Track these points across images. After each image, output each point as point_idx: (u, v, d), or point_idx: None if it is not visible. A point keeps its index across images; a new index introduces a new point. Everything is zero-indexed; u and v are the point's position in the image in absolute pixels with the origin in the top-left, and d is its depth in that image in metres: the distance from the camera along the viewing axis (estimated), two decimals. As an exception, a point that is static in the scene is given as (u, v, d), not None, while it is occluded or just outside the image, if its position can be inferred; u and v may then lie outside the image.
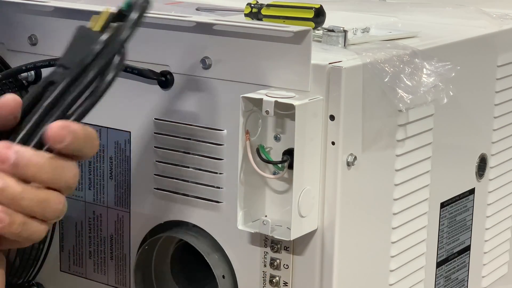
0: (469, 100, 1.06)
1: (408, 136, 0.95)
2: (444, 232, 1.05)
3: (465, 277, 1.12)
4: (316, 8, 1.00)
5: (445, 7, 1.16)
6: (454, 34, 1.06)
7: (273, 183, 0.85)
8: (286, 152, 0.83)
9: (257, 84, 0.87)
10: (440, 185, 1.02)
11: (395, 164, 0.94)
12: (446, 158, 1.03)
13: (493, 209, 1.15)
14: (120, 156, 0.98)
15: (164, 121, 0.94)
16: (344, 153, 0.86)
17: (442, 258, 1.06)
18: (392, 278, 0.96)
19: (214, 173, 0.91)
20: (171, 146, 0.93)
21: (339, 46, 0.94)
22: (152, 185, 0.95)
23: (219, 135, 0.90)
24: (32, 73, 1.00)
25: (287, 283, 0.89)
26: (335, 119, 0.85)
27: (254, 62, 0.88)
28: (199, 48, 0.91)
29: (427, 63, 0.91)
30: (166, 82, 0.93)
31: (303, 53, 0.85)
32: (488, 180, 1.13)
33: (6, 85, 0.99)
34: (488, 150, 1.12)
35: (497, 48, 1.11)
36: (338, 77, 0.84)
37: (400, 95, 0.88)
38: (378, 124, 0.90)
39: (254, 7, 1.06)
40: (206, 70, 0.90)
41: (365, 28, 1.02)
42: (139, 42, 0.94)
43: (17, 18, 1.01)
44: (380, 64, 0.88)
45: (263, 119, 0.85)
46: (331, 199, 0.86)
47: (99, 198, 1.00)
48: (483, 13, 1.13)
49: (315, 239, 0.87)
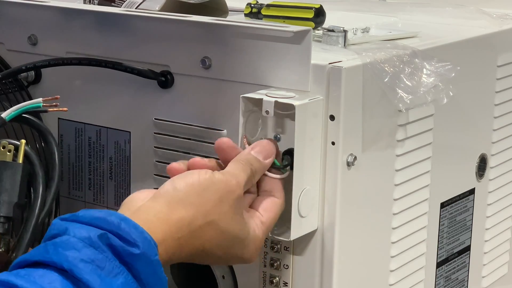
0: (469, 100, 1.06)
1: (408, 136, 0.94)
2: (444, 232, 1.05)
3: (465, 277, 1.12)
4: (316, 8, 1.00)
5: (445, 7, 1.16)
6: (454, 34, 1.06)
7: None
8: (286, 152, 0.83)
9: (257, 84, 0.87)
10: (440, 185, 1.02)
11: (395, 164, 0.94)
12: (446, 158, 1.03)
13: (493, 209, 1.15)
14: (120, 156, 0.98)
15: (164, 121, 0.94)
16: (344, 153, 0.85)
17: (442, 258, 1.06)
18: (392, 278, 0.96)
19: (214, 173, 0.91)
20: (171, 146, 0.93)
21: (339, 46, 0.94)
22: (152, 185, 0.95)
23: (219, 135, 0.90)
24: (32, 73, 1.00)
25: (287, 283, 0.89)
26: (335, 119, 0.85)
27: (254, 62, 0.88)
28: (199, 48, 0.90)
29: (427, 63, 0.91)
30: (166, 82, 0.93)
31: (303, 53, 0.84)
32: (488, 180, 1.13)
33: (6, 85, 0.99)
34: (488, 150, 1.12)
35: (497, 48, 1.11)
36: (338, 77, 0.84)
37: (400, 95, 0.88)
38: (378, 124, 0.90)
39: (254, 7, 1.06)
40: (206, 70, 0.90)
41: (365, 28, 1.02)
42: (139, 42, 0.94)
43: (17, 18, 1.01)
44: (380, 64, 0.88)
45: (263, 119, 0.85)
46: (331, 199, 0.86)
47: (99, 198, 1.00)
48: (483, 13, 1.13)
49: (315, 239, 0.87)
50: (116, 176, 0.98)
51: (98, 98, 0.97)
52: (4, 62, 1.02)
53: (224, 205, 0.77)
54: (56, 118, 1.00)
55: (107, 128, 0.98)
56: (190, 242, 0.75)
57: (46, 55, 0.98)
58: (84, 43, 0.97)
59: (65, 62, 0.95)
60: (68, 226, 0.69)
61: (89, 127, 0.99)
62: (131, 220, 0.70)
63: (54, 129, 1.00)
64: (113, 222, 0.69)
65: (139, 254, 0.68)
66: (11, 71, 0.98)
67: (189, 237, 0.75)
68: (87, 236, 0.67)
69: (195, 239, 0.76)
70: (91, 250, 0.67)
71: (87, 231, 0.68)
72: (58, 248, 0.66)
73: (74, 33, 0.98)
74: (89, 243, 0.67)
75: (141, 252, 0.68)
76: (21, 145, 0.79)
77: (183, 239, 0.75)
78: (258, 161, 0.81)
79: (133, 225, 0.70)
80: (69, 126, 1.00)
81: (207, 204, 0.76)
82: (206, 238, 0.76)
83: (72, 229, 0.68)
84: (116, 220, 0.69)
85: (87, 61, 0.95)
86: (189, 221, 0.75)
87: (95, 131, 0.99)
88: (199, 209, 0.76)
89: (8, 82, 0.99)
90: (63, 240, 0.67)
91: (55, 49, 0.99)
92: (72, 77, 0.99)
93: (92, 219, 0.69)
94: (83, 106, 0.99)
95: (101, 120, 0.98)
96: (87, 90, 0.98)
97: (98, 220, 0.69)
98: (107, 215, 0.70)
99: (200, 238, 0.76)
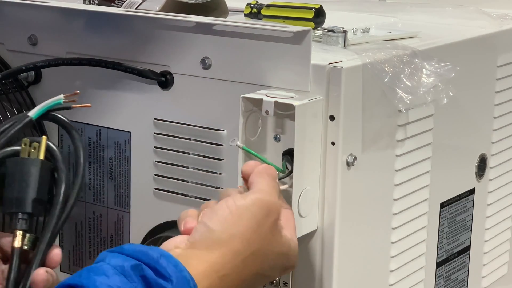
0: (469, 100, 1.06)
1: (408, 136, 0.95)
2: (444, 232, 1.05)
3: (465, 277, 1.12)
4: (316, 8, 1.00)
5: (445, 7, 1.16)
6: (454, 34, 1.06)
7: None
8: (286, 152, 0.83)
9: (257, 84, 0.87)
10: (440, 185, 1.02)
11: (395, 164, 0.94)
12: (446, 158, 1.03)
13: (493, 209, 1.15)
14: (120, 156, 0.98)
15: (164, 121, 0.94)
16: (344, 153, 0.85)
17: (442, 258, 1.06)
18: (392, 278, 0.96)
19: (214, 173, 0.91)
20: (171, 146, 0.93)
21: (339, 46, 0.94)
22: (152, 185, 0.95)
23: (219, 135, 0.90)
24: (32, 73, 1.00)
25: (287, 283, 0.89)
26: (335, 119, 0.85)
27: (254, 62, 0.88)
28: (199, 48, 0.91)
29: (427, 64, 0.91)
30: (166, 82, 0.93)
31: (303, 53, 0.85)
32: (488, 180, 1.13)
33: (6, 85, 0.99)
34: (488, 150, 1.12)
35: (497, 48, 1.11)
36: (338, 77, 0.84)
37: (399, 95, 0.88)
38: (378, 124, 0.90)
39: (254, 7, 1.06)
40: (206, 70, 0.90)
41: (365, 28, 1.02)
42: (139, 42, 0.94)
43: (17, 18, 1.01)
44: (380, 64, 0.88)
45: (263, 119, 0.85)
46: (331, 199, 0.86)
47: (99, 198, 1.00)
48: (483, 13, 1.13)
49: (315, 239, 0.87)
50: (116, 176, 0.98)
51: (98, 98, 0.97)
52: (4, 62, 1.02)
53: (262, 229, 0.75)
54: (56, 118, 1.00)
55: (107, 128, 0.98)
56: (236, 277, 0.74)
57: (46, 55, 0.98)
58: (84, 43, 0.97)
59: (65, 62, 0.95)
60: (108, 255, 0.69)
61: (89, 127, 0.99)
62: (174, 258, 0.70)
63: (54, 129, 1.00)
64: (153, 256, 0.69)
65: None
66: (11, 71, 0.98)
67: (233, 271, 0.74)
68: (120, 264, 0.68)
69: (241, 272, 0.74)
70: (121, 277, 0.67)
71: (122, 261, 0.68)
72: (90, 273, 0.67)
73: (74, 33, 0.98)
74: (121, 271, 0.67)
75: (173, 287, 0.68)
76: (42, 141, 0.79)
77: (227, 276, 0.73)
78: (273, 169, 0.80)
79: (173, 262, 0.69)
80: (69, 126, 1.00)
81: (246, 233, 0.74)
82: (251, 268, 0.75)
83: (110, 258, 0.69)
84: (156, 254, 0.69)
85: (87, 61, 0.95)
86: (231, 257, 0.74)
87: (95, 131, 0.99)
88: (240, 240, 0.74)
89: (8, 82, 0.99)
90: (97, 266, 0.68)
91: (55, 49, 0.99)
92: (72, 77, 0.99)
93: (134, 251, 0.70)
94: (83, 106, 0.99)
95: (101, 120, 0.98)
96: (87, 90, 0.98)
97: (140, 252, 0.70)
98: (149, 249, 0.70)
99: (246, 268, 0.75)
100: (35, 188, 0.77)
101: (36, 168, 0.77)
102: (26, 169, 0.77)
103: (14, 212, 0.77)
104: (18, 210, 0.77)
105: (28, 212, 0.76)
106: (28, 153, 0.78)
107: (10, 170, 0.78)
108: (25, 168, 0.77)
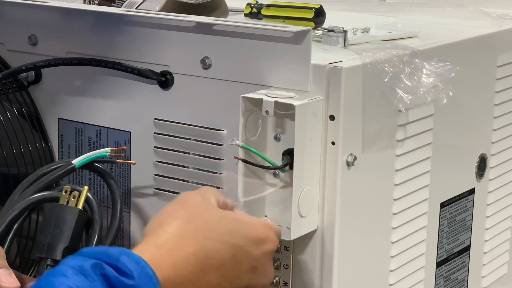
0: (469, 100, 1.06)
1: (408, 136, 0.95)
2: (444, 232, 1.05)
3: (465, 277, 1.12)
4: (316, 8, 1.00)
5: (445, 7, 1.16)
6: (454, 34, 1.06)
7: (273, 183, 0.85)
8: (286, 152, 0.83)
9: (257, 84, 0.87)
10: (440, 185, 1.02)
11: (395, 164, 0.94)
12: (446, 158, 1.03)
13: (493, 209, 1.15)
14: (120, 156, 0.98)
15: (164, 121, 0.94)
16: (344, 153, 0.86)
17: (442, 258, 1.06)
18: (392, 278, 0.96)
19: (214, 173, 0.91)
20: (171, 146, 0.93)
21: (339, 46, 0.94)
22: (152, 185, 0.95)
23: (219, 135, 0.90)
24: (32, 73, 1.00)
25: (287, 283, 0.89)
26: (335, 119, 0.85)
27: (254, 62, 0.88)
28: (199, 48, 0.91)
29: (427, 63, 0.91)
30: (166, 82, 0.93)
31: (303, 53, 0.85)
32: (488, 180, 1.13)
33: (6, 85, 0.99)
34: (488, 150, 1.12)
35: (497, 48, 1.11)
36: (338, 77, 0.84)
37: (399, 95, 0.88)
38: (378, 124, 0.90)
39: (254, 7, 1.06)
40: (206, 70, 0.90)
41: (365, 28, 1.02)
42: (139, 42, 0.94)
43: (17, 18, 1.01)
44: (380, 64, 0.88)
45: (263, 119, 0.85)
46: (331, 199, 0.86)
47: (99, 198, 1.00)
48: (483, 13, 1.13)
49: (315, 239, 0.87)
50: (116, 176, 0.98)
51: (98, 98, 0.97)
52: (4, 62, 1.02)
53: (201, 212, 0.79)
54: (56, 118, 1.00)
55: (107, 128, 0.98)
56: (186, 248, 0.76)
57: (46, 55, 0.98)
58: (84, 43, 0.97)
59: (65, 62, 0.95)
60: (68, 258, 0.69)
61: (89, 127, 0.99)
62: (135, 255, 0.71)
63: (54, 129, 1.00)
64: (113, 255, 0.70)
65: (132, 285, 0.68)
66: (11, 71, 0.98)
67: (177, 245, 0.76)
68: (79, 264, 0.68)
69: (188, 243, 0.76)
70: (80, 277, 0.67)
71: (81, 261, 0.68)
72: (49, 276, 0.67)
73: (74, 33, 0.98)
74: (80, 271, 0.67)
75: (135, 284, 0.68)
76: (83, 191, 0.80)
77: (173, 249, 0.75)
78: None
79: (134, 259, 0.70)
80: (69, 126, 1.00)
81: (187, 216, 0.78)
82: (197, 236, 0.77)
83: (68, 260, 0.69)
84: (117, 253, 0.70)
85: (87, 61, 0.95)
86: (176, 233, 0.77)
87: (95, 131, 0.99)
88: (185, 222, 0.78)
89: (8, 82, 0.99)
90: (55, 269, 0.68)
91: (55, 49, 0.99)
92: (72, 77, 0.99)
93: (94, 252, 0.70)
94: (83, 106, 0.99)
95: (101, 120, 0.98)
96: (87, 90, 0.98)
97: (99, 253, 0.70)
98: (108, 249, 0.70)
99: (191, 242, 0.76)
100: (68, 237, 0.78)
101: (73, 216, 0.78)
102: (62, 216, 0.78)
103: (43, 257, 0.77)
104: (47, 256, 0.77)
105: (57, 260, 0.76)
106: (67, 201, 0.78)
107: (46, 214, 0.78)
108: (62, 215, 0.78)
